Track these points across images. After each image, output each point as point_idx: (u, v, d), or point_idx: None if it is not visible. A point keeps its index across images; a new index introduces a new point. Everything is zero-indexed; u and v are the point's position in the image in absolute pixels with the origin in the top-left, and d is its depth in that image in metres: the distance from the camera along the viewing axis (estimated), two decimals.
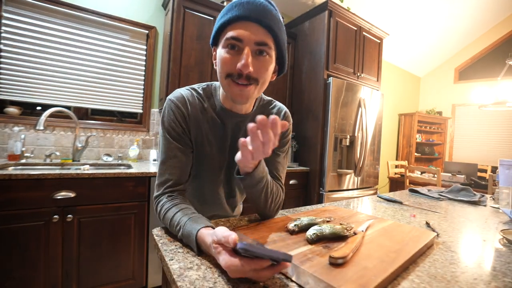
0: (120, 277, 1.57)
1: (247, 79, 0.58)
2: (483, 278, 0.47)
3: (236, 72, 0.57)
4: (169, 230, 0.60)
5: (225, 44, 0.58)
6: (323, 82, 2.36)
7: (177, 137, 0.67)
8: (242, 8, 0.56)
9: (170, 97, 0.68)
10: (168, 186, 0.65)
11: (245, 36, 0.56)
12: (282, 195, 0.74)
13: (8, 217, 1.27)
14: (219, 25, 0.59)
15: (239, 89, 0.59)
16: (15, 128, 1.75)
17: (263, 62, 0.59)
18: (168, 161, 0.66)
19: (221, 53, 0.59)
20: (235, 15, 0.56)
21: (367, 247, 0.52)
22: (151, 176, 1.64)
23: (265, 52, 0.58)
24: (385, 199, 1.18)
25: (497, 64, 4.44)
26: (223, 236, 0.41)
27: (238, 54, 0.57)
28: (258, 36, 0.56)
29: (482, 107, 3.66)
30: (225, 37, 0.57)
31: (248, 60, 0.55)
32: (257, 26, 0.56)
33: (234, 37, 0.56)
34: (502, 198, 0.95)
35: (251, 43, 0.56)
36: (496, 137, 4.54)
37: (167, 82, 1.99)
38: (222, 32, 0.59)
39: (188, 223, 0.54)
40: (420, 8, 3.57)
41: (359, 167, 2.53)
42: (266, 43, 0.57)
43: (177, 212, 0.59)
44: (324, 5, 2.37)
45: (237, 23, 0.56)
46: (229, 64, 0.58)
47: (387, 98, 4.61)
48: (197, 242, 0.51)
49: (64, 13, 1.89)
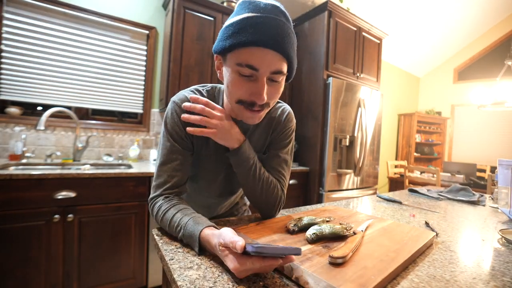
0: (120, 277, 1.57)
1: (260, 106, 0.58)
2: (482, 277, 0.47)
3: (249, 100, 0.56)
4: (168, 231, 0.60)
5: (236, 69, 0.54)
6: (323, 82, 2.36)
7: (179, 139, 0.66)
8: (259, 33, 0.50)
9: (174, 99, 0.67)
10: (166, 188, 0.65)
11: (262, 66, 0.52)
12: (279, 190, 0.72)
13: (9, 217, 1.27)
14: (229, 44, 0.53)
15: (253, 115, 0.59)
16: (16, 128, 1.76)
17: (276, 88, 0.58)
18: (168, 163, 0.65)
19: (232, 76, 0.55)
20: (251, 40, 0.50)
21: (366, 247, 0.52)
22: (151, 176, 1.64)
23: (280, 78, 0.56)
24: (384, 199, 1.18)
25: (496, 64, 4.45)
26: (231, 242, 0.41)
27: (251, 81, 0.54)
28: (275, 65, 0.53)
29: (481, 107, 3.67)
30: (238, 61, 0.52)
31: (264, 93, 0.54)
32: (274, 53, 0.52)
33: (249, 65, 0.52)
34: (501, 198, 0.95)
35: (267, 72, 0.53)
36: (495, 137, 4.55)
37: (167, 83, 1.99)
38: (233, 51, 0.53)
39: (190, 223, 0.54)
40: (419, 8, 3.57)
41: (359, 167, 2.54)
42: (281, 71, 0.55)
43: (176, 212, 0.58)
44: (323, 6, 2.37)
45: (252, 48, 0.51)
46: (242, 91, 0.55)
47: (386, 98, 4.62)
48: (200, 242, 0.51)
49: (64, 14, 1.89)
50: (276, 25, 0.51)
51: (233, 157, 0.66)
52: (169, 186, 0.65)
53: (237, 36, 0.51)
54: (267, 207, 0.72)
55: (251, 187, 0.68)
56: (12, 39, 1.75)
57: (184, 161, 0.67)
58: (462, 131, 4.95)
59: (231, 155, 0.66)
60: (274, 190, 0.71)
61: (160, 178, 0.65)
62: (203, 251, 0.52)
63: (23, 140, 1.72)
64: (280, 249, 0.39)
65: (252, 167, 0.67)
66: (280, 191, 0.73)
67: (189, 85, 2.05)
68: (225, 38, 0.54)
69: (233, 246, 0.40)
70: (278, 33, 0.51)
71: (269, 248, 0.39)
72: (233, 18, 0.54)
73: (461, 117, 4.98)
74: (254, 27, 0.50)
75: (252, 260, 0.40)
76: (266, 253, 0.38)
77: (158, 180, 0.66)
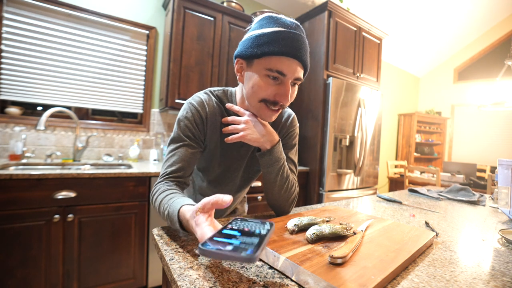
0: (120, 277, 1.57)
1: (281, 106, 0.67)
2: (482, 277, 0.47)
3: (273, 100, 0.65)
4: (159, 214, 0.62)
5: (266, 73, 0.62)
6: (323, 82, 2.36)
7: (191, 136, 0.71)
8: (289, 46, 0.60)
9: (189, 100, 0.73)
10: (168, 175, 0.69)
11: (289, 72, 0.62)
12: (296, 188, 0.79)
13: (9, 216, 1.27)
14: (263, 51, 0.61)
15: (272, 113, 0.68)
16: (16, 128, 1.76)
17: (294, 92, 0.68)
18: (175, 155, 0.70)
19: (260, 79, 0.63)
20: (283, 51, 0.60)
21: (366, 247, 0.52)
22: (152, 176, 1.64)
23: (298, 83, 0.67)
24: (384, 199, 1.18)
25: (496, 64, 4.45)
26: (217, 197, 0.43)
27: (276, 84, 0.63)
28: (298, 73, 0.63)
29: (481, 107, 3.67)
30: (269, 66, 0.61)
31: (289, 95, 0.64)
32: (297, 63, 0.62)
33: (280, 72, 0.61)
34: (501, 198, 0.95)
35: (292, 78, 0.63)
36: (495, 137, 4.55)
37: (167, 82, 1.99)
38: (264, 57, 0.62)
39: (175, 202, 0.56)
40: (419, 8, 3.57)
41: (359, 167, 2.54)
42: (301, 78, 0.65)
43: (168, 194, 0.62)
44: (324, 6, 2.37)
45: (282, 57, 0.61)
46: (268, 91, 0.64)
47: (386, 98, 4.62)
48: (179, 218, 0.52)
49: (65, 14, 1.89)
50: (300, 40, 0.62)
51: (263, 157, 0.71)
52: (172, 174, 0.69)
53: (270, 46, 0.60)
54: (286, 204, 0.77)
55: (278, 186, 0.73)
56: (12, 39, 1.75)
57: (192, 155, 0.71)
58: (462, 131, 4.95)
59: (262, 156, 0.71)
60: (293, 187, 0.77)
61: (165, 167, 0.70)
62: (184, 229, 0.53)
63: (23, 140, 1.72)
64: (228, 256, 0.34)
65: (282, 167, 0.73)
66: (296, 187, 0.79)
67: (189, 85, 2.06)
68: (256, 46, 0.62)
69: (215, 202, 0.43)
70: (301, 47, 0.62)
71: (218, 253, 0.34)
72: (262, 29, 0.63)
73: (461, 117, 4.97)
74: (285, 40, 0.60)
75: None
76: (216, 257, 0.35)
77: (163, 169, 0.70)
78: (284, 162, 0.74)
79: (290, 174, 0.77)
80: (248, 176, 0.88)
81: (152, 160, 2.14)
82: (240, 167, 0.84)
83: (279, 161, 0.71)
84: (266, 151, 0.70)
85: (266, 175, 0.73)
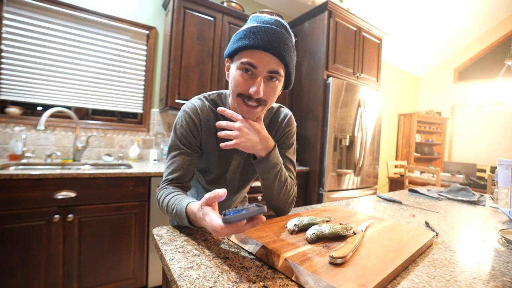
0: (120, 277, 1.57)
1: (257, 101, 0.65)
2: (482, 277, 0.47)
3: (247, 94, 0.64)
4: (167, 214, 0.67)
5: (240, 67, 0.63)
6: (323, 82, 2.36)
7: (187, 144, 0.75)
8: (259, 38, 0.60)
9: (184, 108, 0.76)
10: (171, 181, 0.73)
11: (259, 64, 0.61)
12: (295, 188, 0.80)
13: (9, 216, 1.27)
14: (236, 47, 0.63)
15: (248, 109, 0.66)
16: (16, 128, 1.76)
17: (273, 87, 0.65)
18: (174, 163, 0.74)
19: (236, 74, 0.64)
20: (252, 44, 0.61)
21: (366, 247, 0.52)
22: (152, 176, 1.64)
23: (275, 78, 0.64)
24: (384, 199, 1.18)
25: (496, 64, 4.45)
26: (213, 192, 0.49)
27: (250, 78, 0.63)
28: (271, 65, 0.62)
29: (481, 107, 3.67)
30: (241, 60, 0.63)
31: (259, 88, 0.62)
32: (271, 56, 0.62)
33: (250, 63, 0.61)
34: (501, 198, 0.95)
35: (264, 71, 0.62)
36: (495, 137, 4.55)
37: (167, 82, 1.99)
38: (239, 53, 0.64)
39: (182, 201, 0.62)
40: (419, 8, 3.57)
41: (359, 167, 2.54)
42: (278, 71, 0.63)
43: (174, 195, 0.66)
44: (324, 6, 2.37)
45: (253, 51, 0.61)
46: (242, 85, 0.64)
47: (386, 98, 4.62)
48: (187, 214, 0.58)
49: (65, 14, 1.89)
50: (274, 33, 0.61)
51: (259, 165, 0.71)
52: (174, 180, 0.73)
53: (242, 41, 0.62)
54: (285, 205, 0.78)
55: (276, 190, 0.74)
56: (12, 39, 1.75)
57: (190, 161, 0.75)
58: (462, 131, 4.95)
59: (258, 163, 0.71)
60: (291, 189, 0.77)
61: (166, 174, 0.74)
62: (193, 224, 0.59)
63: (23, 140, 1.72)
64: (246, 214, 0.43)
65: (279, 172, 0.72)
66: (294, 187, 0.80)
67: (189, 85, 2.06)
68: (233, 43, 0.65)
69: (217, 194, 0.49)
70: (275, 40, 0.61)
71: (238, 216, 0.43)
72: (243, 27, 0.66)
73: (461, 117, 4.97)
74: (256, 33, 0.61)
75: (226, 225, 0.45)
76: (236, 221, 0.43)
77: (164, 176, 0.75)
78: (281, 166, 0.73)
79: (288, 176, 0.76)
80: (246, 176, 0.88)
81: (152, 160, 2.14)
82: (238, 169, 0.85)
83: (275, 167, 0.71)
84: (262, 158, 0.69)
85: (263, 180, 0.73)
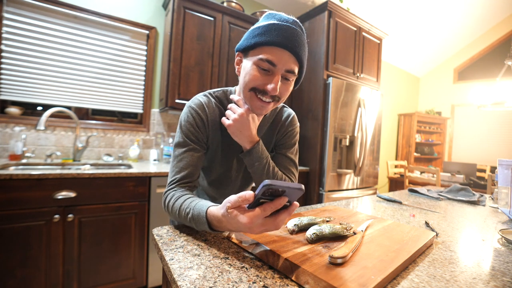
0: (120, 277, 1.57)
1: (272, 98, 0.66)
2: (482, 277, 0.47)
3: (262, 88, 0.64)
4: (178, 218, 0.63)
5: (257, 62, 0.63)
6: (323, 82, 2.36)
7: (194, 140, 0.72)
8: (281, 36, 0.61)
9: (189, 104, 0.74)
10: (179, 181, 0.70)
11: (279, 62, 0.62)
12: None
13: (10, 216, 1.27)
14: (255, 42, 0.63)
15: (261, 104, 0.67)
16: (16, 128, 1.76)
17: (287, 86, 0.67)
18: (182, 160, 0.71)
19: (252, 68, 0.64)
20: (274, 41, 0.61)
21: (366, 247, 0.52)
22: (152, 176, 1.64)
23: (291, 77, 0.66)
24: (384, 199, 1.18)
25: (496, 64, 4.45)
26: (239, 197, 0.46)
27: (267, 75, 0.64)
28: (289, 64, 0.63)
29: (481, 107, 3.67)
30: (259, 56, 0.62)
31: (278, 85, 0.63)
32: (290, 55, 0.62)
33: (269, 61, 0.62)
34: (501, 198, 0.95)
35: (282, 69, 0.63)
36: (495, 137, 4.55)
37: (167, 82, 1.99)
38: (257, 48, 0.63)
39: (198, 205, 0.58)
40: (419, 8, 3.57)
41: (359, 167, 2.54)
42: (294, 71, 0.65)
43: (187, 199, 0.63)
44: (324, 6, 2.37)
45: (273, 47, 0.61)
46: (258, 81, 0.64)
47: (386, 98, 4.62)
48: (207, 219, 0.54)
49: (65, 14, 1.89)
50: (294, 32, 0.62)
51: (246, 157, 0.73)
52: (182, 180, 0.70)
53: (262, 36, 0.62)
54: None
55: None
56: (12, 39, 1.75)
57: (198, 158, 0.73)
58: (462, 131, 4.95)
59: (244, 156, 0.73)
60: None
61: (173, 173, 0.71)
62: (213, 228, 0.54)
63: (23, 140, 1.72)
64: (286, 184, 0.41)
65: (265, 166, 0.73)
66: None
67: (189, 85, 2.06)
68: (251, 37, 0.65)
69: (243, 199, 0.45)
70: (295, 40, 0.62)
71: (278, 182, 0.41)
72: (260, 23, 0.65)
73: (461, 117, 4.97)
74: (278, 31, 0.61)
75: (264, 207, 0.44)
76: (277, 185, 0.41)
77: (172, 175, 0.71)
78: (268, 160, 0.74)
79: (280, 173, 0.77)
80: (248, 176, 0.88)
81: (152, 160, 2.13)
82: (241, 168, 0.84)
83: (260, 160, 0.73)
84: (246, 151, 0.72)
85: (253, 175, 0.76)
